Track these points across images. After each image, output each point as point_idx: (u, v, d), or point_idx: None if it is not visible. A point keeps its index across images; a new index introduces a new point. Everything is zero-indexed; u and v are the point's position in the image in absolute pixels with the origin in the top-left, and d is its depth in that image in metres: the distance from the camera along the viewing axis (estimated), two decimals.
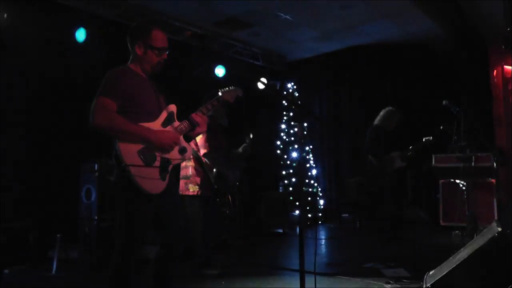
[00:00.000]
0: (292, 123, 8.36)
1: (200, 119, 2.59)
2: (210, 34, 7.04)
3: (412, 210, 7.39)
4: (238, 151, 4.58)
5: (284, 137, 8.35)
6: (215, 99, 2.77)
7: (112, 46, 4.75)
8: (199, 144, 4.10)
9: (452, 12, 6.76)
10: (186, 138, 2.60)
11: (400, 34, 7.39)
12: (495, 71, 7.61)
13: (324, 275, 3.94)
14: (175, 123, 2.53)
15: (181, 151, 2.51)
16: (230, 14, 6.51)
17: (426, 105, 7.09)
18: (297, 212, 7.36)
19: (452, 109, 4.90)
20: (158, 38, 2.50)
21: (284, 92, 8.58)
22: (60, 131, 5.20)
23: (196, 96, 4.24)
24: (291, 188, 7.87)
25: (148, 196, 2.32)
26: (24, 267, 4.43)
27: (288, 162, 8.15)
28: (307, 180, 8.00)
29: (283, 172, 8.10)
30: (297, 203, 7.42)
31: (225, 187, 4.16)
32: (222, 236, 5.68)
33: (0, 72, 4.73)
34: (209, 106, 2.71)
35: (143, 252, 4.10)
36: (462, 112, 4.73)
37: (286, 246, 5.98)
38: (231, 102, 2.87)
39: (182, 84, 6.21)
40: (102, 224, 4.64)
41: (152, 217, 2.43)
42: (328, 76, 8.82)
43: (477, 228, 4.70)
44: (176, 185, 2.68)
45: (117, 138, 2.30)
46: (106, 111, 2.28)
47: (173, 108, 2.57)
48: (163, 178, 2.38)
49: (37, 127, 5.09)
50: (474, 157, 4.96)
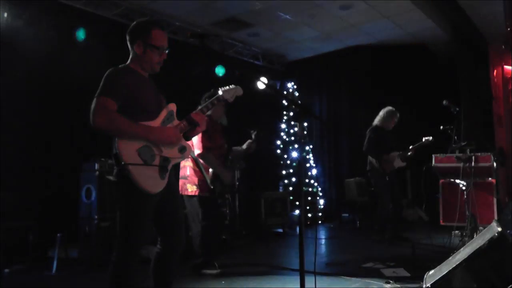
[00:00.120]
0: (292, 122, 8.37)
1: (199, 118, 2.58)
2: (210, 34, 7.04)
3: (412, 210, 7.40)
4: (241, 148, 4.52)
5: (284, 136, 8.35)
6: (215, 98, 2.76)
7: (112, 46, 4.75)
8: (194, 144, 4.09)
9: (452, 12, 6.77)
10: (185, 137, 2.60)
11: (400, 34, 7.40)
12: (495, 71, 7.62)
13: (324, 275, 3.94)
14: (175, 122, 2.53)
15: (180, 149, 2.51)
16: (230, 14, 6.51)
17: (426, 105, 7.09)
18: (297, 211, 7.36)
19: (452, 109, 4.90)
20: (158, 37, 2.49)
21: (284, 92, 8.59)
22: (60, 130, 5.21)
23: (196, 96, 4.24)
24: (291, 188, 7.88)
25: (148, 195, 2.32)
26: (24, 266, 4.43)
27: (288, 162, 8.16)
28: (307, 180, 8.01)
29: (283, 172, 8.10)
30: (297, 203, 7.42)
31: (221, 188, 4.11)
32: (222, 236, 5.68)
33: (0, 72, 4.73)
34: (209, 105, 2.71)
35: (143, 251, 4.12)
36: (462, 112, 4.73)
37: (286, 246, 5.98)
38: (231, 101, 2.87)
39: (182, 84, 6.21)
40: (102, 224, 4.65)
41: (152, 216, 2.43)
42: (328, 76, 8.84)
43: (476, 228, 4.70)
44: (176, 184, 2.67)
45: (117, 137, 2.30)
46: (106, 110, 2.27)
47: (173, 107, 2.56)
48: (162, 177, 2.38)
49: (37, 127, 5.08)
50: (474, 157, 4.97)
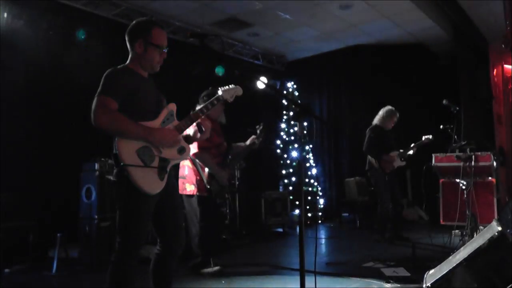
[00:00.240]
0: (292, 122, 8.37)
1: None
2: (210, 34, 7.03)
3: (412, 209, 7.39)
4: (244, 144, 4.40)
5: (284, 136, 8.35)
6: (214, 98, 2.76)
7: (112, 46, 4.76)
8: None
9: (452, 11, 6.76)
10: (185, 139, 2.60)
11: (399, 34, 7.39)
12: (495, 70, 7.61)
13: (324, 275, 3.95)
14: (175, 122, 2.53)
15: (179, 151, 2.50)
16: (230, 14, 6.51)
17: (426, 104, 7.08)
18: (297, 211, 7.36)
19: (452, 108, 4.90)
20: (158, 36, 2.48)
21: (284, 92, 8.58)
22: (60, 130, 5.20)
23: (196, 96, 4.24)
24: (291, 188, 7.88)
25: (147, 196, 2.32)
26: (24, 266, 4.43)
27: (288, 162, 8.16)
28: (307, 180, 8.01)
29: (283, 172, 8.11)
30: (297, 203, 7.42)
31: (218, 188, 4.08)
32: (222, 236, 5.68)
33: (0, 71, 4.73)
34: (209, 106, 2.70)
35: (143, 251, 4.12)
36: (462, 112, 4.73)
37: (286, 246, 5.98)
38: (230, 101, 2.87)
39: (182, 84, 6.20)
40: (102, 224, 4.65)
41: (152, 216, 2.43)
42: (328, 76, 8.83)
43: (477, 228, 4.70)
44: (175, 184, 2.66)
45: (117, 136, 2.30)
46: (107, 110, 2.27)
47: (173, 107, 2.56)
48: (161, 178, 2.38)
49: (37, 127, 5.09)
50: (474, 156, 4.96)
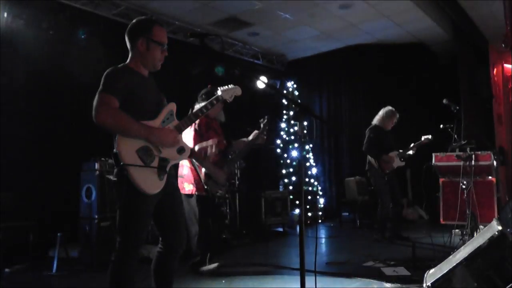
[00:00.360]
0: (292, 122, 8.36)
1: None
2: (210, 33, 7.02)
3: (412, 209, 7.40)
4: (246, 139, 4.29)
5: (284, 136, 8.35)
6: (214, 98, 2.75)
7: (112, 45, 4.74)
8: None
9: (452, 11, 6.76)
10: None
11: (399, 33, 7.39)
12: (495, 69, 7.61)
13: (324, 274, 3.94)
14: (175, 122, 2.53)
15: (179, 151, 2.50)
16: (230, 13, 6.50)
17: (426, 103, 7.08)
18: (297, 211, 7.36)
19: (452, 107, 4.90)
20: (159, 33, 2.50)
21: (284, 91, 8.58)
22: (60, 130, 5.21)
23: (196, 95, 4.24)
24: (291, 187, 7.88)
25: (147, 196, 2.32)
26: (24, 266, 4.43)
27: (288, 161, 8.15)
28: (307, 179, 8.01)
29: (283, 171, 8.10)
30: (297, 202, 7.41)
31: (216, 188, 4.05)
32: (222, 235, 5.68)
33: (0, 71, 4.73)
34: (208, 106, 2.70)
35: (143, 251, 4.12)
36: (462, 111, 4.73)
37: (286, 245, 5.98)
38: (230, 101, 2.87)
39: (182, 83, 6.21)
40: (102, 223, 4.64)
41: (152, 216, 2.43)
42: (328, 75, 8.83)
43: (477, 227, 4.69)
44: (176, 183, 2.66)
45: (118, 134, 2.30)
46: (109, 107, 2.26)
47: (172, 106, 2.55)
48: (161, 178, 2.37)
49: (37, 127, 5.09)
50: (474, 155, 4.96)
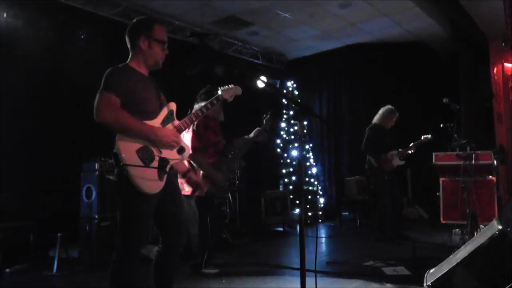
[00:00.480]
0: (292, 121, 8.36)
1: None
2: (209, 33, 7.02)
3: (412, 208, 7.39)
4: (247, 137, 4.27)
5: (284, 135, 8.35)
6: (214, 98, 2.75)
7: (112, 45, 4.73)
8: None
9: (451, 9, 6.75)
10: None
11: (399, 32, 7.38)
12: (495, 68, 7.60)
13: (324, 274, 3.95)
14: (175, 121, 2.52)
15: (179, 150, 2.49)
16: (230, 13, 6.50)
17: (426, 103, 7.08)
18: (297, 210, 7.36)
19: (452, 107, 4.90)
20: (160, 31, 2.52)
21: (284, 91, 8.58)
22: (61, 130, 5.20)
23: (196, 95, 4.24)
24: (291, 187, 7.88)
25: (147, 196, 2.31)
26: (24, 266, 4.43)
27: (288, 161, 8.15)
28: (307, 179, 8.00)
29: (283, 171, 8.10)
30: (297, 202, 7.42)
31: (214, 188, 4.03)
32: (222, 235, 5.68)
33: (0, 71, 4.73)
34: (208, 106, 2.70)
35: (144, 251, 4.12)
36: (462, 110, 4.72)
37: (286, 245, 5.98)
38: (230, 101, 2.87)
39: (181, 83, 6.19)
40: (102, 223, 4.65)
41: (153, 216, 2.42)
42: (328, 75, 8.82)
43: (477, 226, 4.69)
44: (176, 183, 2.66)
45: (119, 134, 2.30)
46: (110, 106, 2.27)
47: (173, 106, 2.55)
48: (160, 178, 2.37)
49: (37, 127, 5.08)
50: (474, 155, 4.96)
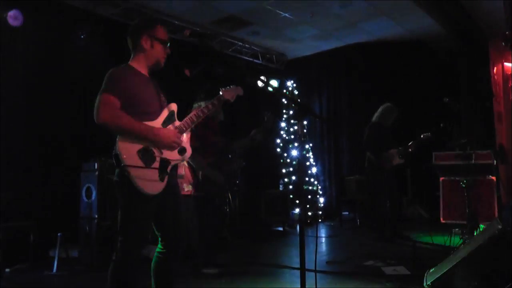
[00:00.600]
0: (292, 121, 8.36)
1: None
2: (209, 33, 7.03)
3: (412, 207, 7.40)
4: (245, 139, 4.24)
5: (284, 135, 8.35)
6: (215, 99, 2.75)
7: (112, 45, 4.75)
8: None
9: (451, 9, 6.75)
10: None
11: (399, 32, 7.38)
12: (495, 68, 7.60)
13: (324, 273, 3.95)
14: (176, 122, 2.52)
15: (180, 151, 2.49)
16: (230, 13, 6.50)
17: (426, 102, 7.08)
18: (297, 210, 7.37)
19: (452, 106, 4.90)
20: (162, 31, 2.53)
21: (284, 90, 8.58)
22: (60, 130, 5.20)
23: (195, 95, 4.23)
24: (291, 186, 7.88)
25: (148, 196, 2.32)
26: (24, 266, 4.43)
27: (288, 160, 8.16)
28: (307, 178, 8.01)
29: (283, 170, 8.10)
30: (297, 201, 7.42)
31: (213, 188, 4.03)
32: (222, 235, 5.67)
33: (0, 71, 4.73)
34: (209, 106, 2.70)
35: (144, 251, 4.11)
36: (462, 110, 4.72)
37: (286, 245, 5.98)
38: (231, 101, 2.87)
39: (181, 83, 6.19)
40: (102, 223, 4.64)
41: (153, 216, 2.42)
42: (328, 74, 8.83)
43: (477, 226, 4.70)
44: (177, 184, 2.66)
45: (119, 135, 2.30)
46: (111, 107, 2.27)
47: (174, 107, 2.55)
48: (161, 179, 2.37)
49: (37, 127, 5.08)
50: (474, 154, 4.96)
